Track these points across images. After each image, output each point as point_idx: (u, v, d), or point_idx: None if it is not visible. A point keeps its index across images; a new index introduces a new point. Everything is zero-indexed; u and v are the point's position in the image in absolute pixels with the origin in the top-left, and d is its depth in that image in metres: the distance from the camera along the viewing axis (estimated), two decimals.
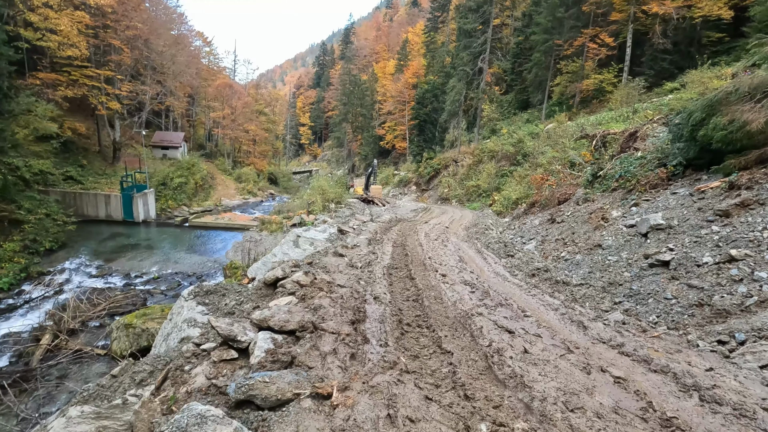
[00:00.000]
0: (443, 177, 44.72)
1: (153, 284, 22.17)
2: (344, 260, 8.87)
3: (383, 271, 8.38)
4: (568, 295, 7.10)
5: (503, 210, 27.78)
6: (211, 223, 32.82)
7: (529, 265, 9.11)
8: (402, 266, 9.25)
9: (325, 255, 9.30)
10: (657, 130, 16.24)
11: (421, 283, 7.60)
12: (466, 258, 10.60)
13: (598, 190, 14.24)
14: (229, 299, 7.96)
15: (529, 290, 7.52)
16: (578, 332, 5.22)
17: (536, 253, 10.79)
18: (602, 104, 42.05)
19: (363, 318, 5.05)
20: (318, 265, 8.30)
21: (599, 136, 18.65)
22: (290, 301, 6.00)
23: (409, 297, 6.62)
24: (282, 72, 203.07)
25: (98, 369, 14.46)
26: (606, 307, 6.36)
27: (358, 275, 7.72)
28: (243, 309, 6.77)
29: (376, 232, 13.96)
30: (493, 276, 8.81)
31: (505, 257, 10.44)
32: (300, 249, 11.15)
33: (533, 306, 6.49)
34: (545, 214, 15.99)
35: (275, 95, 78.40)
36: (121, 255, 26.48)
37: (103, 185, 36.16)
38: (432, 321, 5.18)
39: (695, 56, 39.39)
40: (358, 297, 6.09)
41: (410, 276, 8.18)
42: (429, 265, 9.35)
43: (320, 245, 11.19)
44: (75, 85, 35.61)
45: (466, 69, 42.17)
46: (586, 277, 9.00)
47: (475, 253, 11.49)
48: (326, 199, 30.33)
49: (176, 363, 4.70)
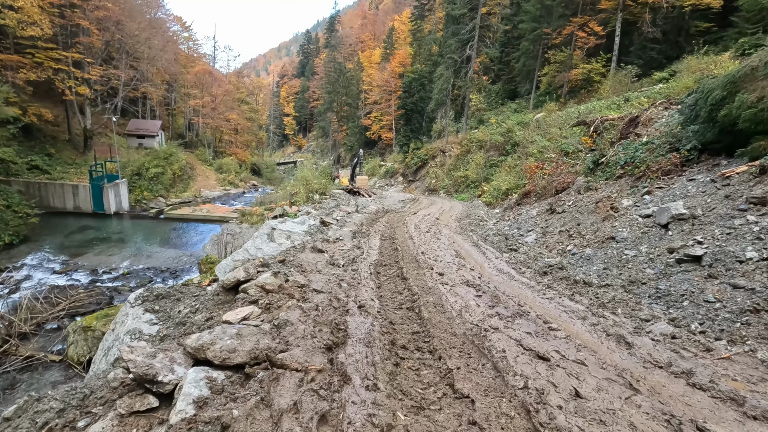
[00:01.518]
0: (430, 168, 43.47)
1: (122, 281, 20.40)
2: (324, 257, 7.48)
3: (370, 270, 7.03)
4: (591, 298, 5.89)
5: (493, 201, 26.75)
6: (188, 215, 30.91)
7: (537, 261, 7.88)
8: (392, 263, 7.91)
9: (302, 251, 7.89)
10: (660, 115, 15.20)
11: (416, 284, 6.27)
12: (462, 253, 9.32)
13: (601, 178, 13.13)
14: (184, 306, 6.51)
15: (543, 292, 6.27)
16: (623, 353, 3.98)
17: (542, 248, 9.58)
18: (590, 94, 41.24)
19: (343, 339, 3.70)
20: (292, 264, 6.90)
21: (597, 122, 17.55)
22: (250, 312, 4.61)
23: (403, 304, 5.30)
24: (266, 61, 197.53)
25: (52, 377, 12.84)
26: (645, 315, 5.16)
27: (340, 276, 6.35)
28: (194, 321, 5.36)
29: (361, 223, 12.58)
30: (496, 274, 7.55)
31: (507, 252, 9.20)
32: (275, 243, 9.72)
33: (554, 314, 5.23)
34: (543, 204, 14.84)
35: (258, 84, 75.61)
36: (88, 249, 24.51)
37: (72, 175, 33.76)
38: (436, 341, 3.88)
39: (684, 46, 38.85)
40: (339, 306, 4.73)
41: (402, 275, 6.85)
42: (423, 261, 8.03)
43: (298, 239, 9.77)
44: (40, 68, 32.95)
45: (454, 57, 40.74)
46: (601, 274, 7.82)
47: (471, 246, 10.23)
48: (310, 190, 28.76)
49: (76, 410, 3.31)
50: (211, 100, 53.39)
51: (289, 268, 6.56)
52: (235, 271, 5.73)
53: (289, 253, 7.67)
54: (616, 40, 39.97)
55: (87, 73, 36.99)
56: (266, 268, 6.18)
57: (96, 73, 37.16)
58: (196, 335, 3.30)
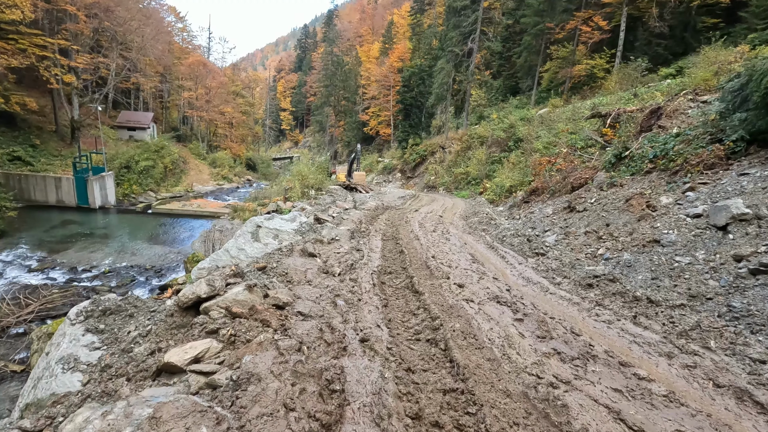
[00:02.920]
0: (430, 164, 42.04)
1: (102, 280, 18.83)
2: (316, 263, 6.03)
3: (373, 280, 5.59)
4: (664, 322, 4.50)
5: (496, 198, 25.43)
6: (177, 210, 29.29)
7: (576, 270, 6.47)
8: (398, 270, 6.47)
9: (289, 254, 6.44)
10: (686, 106, 13.85)
11: (433, 301, 4.85)
12: (479, 257, 7.91)
13: (626, 173, 11.75)
14: (136, 326, 5.03)
15: (595, 312, 4.87)
16: (758, 421, 2.60)
17: (573, 251, 8.15)
18: (593, 90, 39.95)
19: (338, 411, 2.27)
20: (276, 272, 5.44)
21: (614, 114, 16.17)
22: (206, 349, 3.18)
23: (420, 333, 3.88)
24: (263, 56, 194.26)
25: (11, 390, 11.30)
26: (755, 353, 3.77)
27: (336, 289, 4.91)
28: (137, 354, 3.91)
29: (360, 221, 11.13)
30: (524, 284, 6.14)
31: (533, 256, 7.79)
32: (260, 244, 8.25)
33: (624, 347, 3.83)
34: (558, 202, 13.45)
35: (254, 77, 73.61)
36: (69, 245, 22.89)
37: (56, 167, 31.98)
38: (486, 412, 2.46)
39: (690, 42, 37.60)
40: (333, 340, 3.30)
41: (413, 287, 5.41)
42: (435, 268, 6.60)
43: (287, 239, 8.30)
44: (23, 54, 31.09)
45: (455, 50, 39.24)
46: (649, 284, 6.43)
47: (486, 249, 8.82)
48: (306, 186, 27.26)
49: None
50: (206, 93, 51.55)
51: (271, 278, 5.11)
52: (197, 284, 4.28)
53: (274, 257, 6.21)
54: (620, 35, 38.63)
55: (74, 61, 35.12)
56: (239, 279, 4.72)
57: (83, 61, 35.29)
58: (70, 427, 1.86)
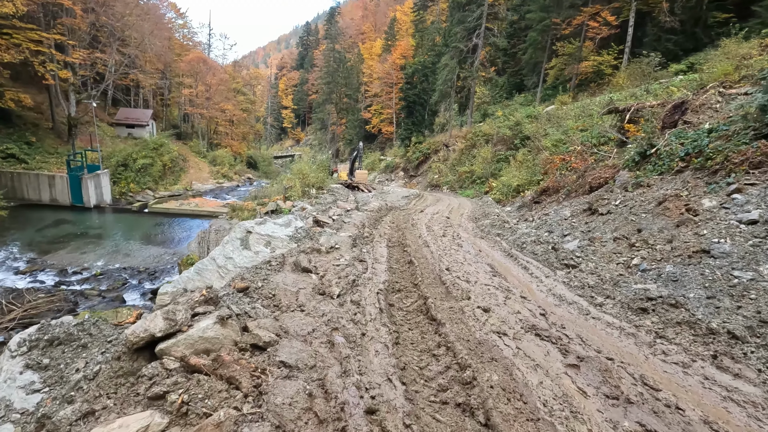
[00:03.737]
0: (433, 162, 40.96)
1: (92, 283, 17.86)
2: (311, 280, 5.00)
3: (379, 304, 4.56)
4: (761, 369, 3.46)
5: (503, 198, 24.42)
6: (174, 209, 28.30)
7: (621, 288, 5.39)
8: (409, 287, 5.44)
9: (279, 268, 5.41)
10: (714, 100, 12.76)
11: (457, 336, 3.81)
12: (498, 267, 6.88)
13: (653, 172, 10.67)
14: (86, 362, 4.02)
15: (661, 350, 3.83)
16: None
17: (613, 263, 7.06)
18: (600, 87, 38.84)
19: None
20: (261, 293, 4.42)
21: (633, 109, 15.06)
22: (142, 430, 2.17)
23: (447, 392, 2.85)
24: (265, 54, 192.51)
25: None
26: None
27: (333, 318, 3.88)
28: (60, 419, 2.91)
29: (363, 224, 10.09)
30: (558, 304, 5.11)
31: (561, 268, 6.74)
32: (250, 252, 7.23)
33: (726, 414, 2.79)
34: (576, 203, 12.39)
35: (255, 74, 72.47)
36: (61, 246, 21.94)
37: (51, 165, 31.03)
38: None
39: (701, 38, 36.39)
40: (326, 418, 2.27)
41: (429, 314, 4.38)
42: (451, 284, 5.57)
43: (280, 246, 7.28)
44: (16, 49, 30.10)
45: (459, 46, 38.08)
46: (705, 304, 5.39)
47: (504, 257, 7.78)
48: (306, 184, 26.24)
49: None
50: (206, 90, 50.49)
51: (254, 303, 4.09)
52: (151, 318, 3.25)
53: (261, 272, 5.18)
54: (629, 30, 37.45)
55: (70, 57, 34.11)
56: (212, 306, 3.69)
57: (79, 56, 34.25)
58: None
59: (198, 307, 3.59)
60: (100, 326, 4.55)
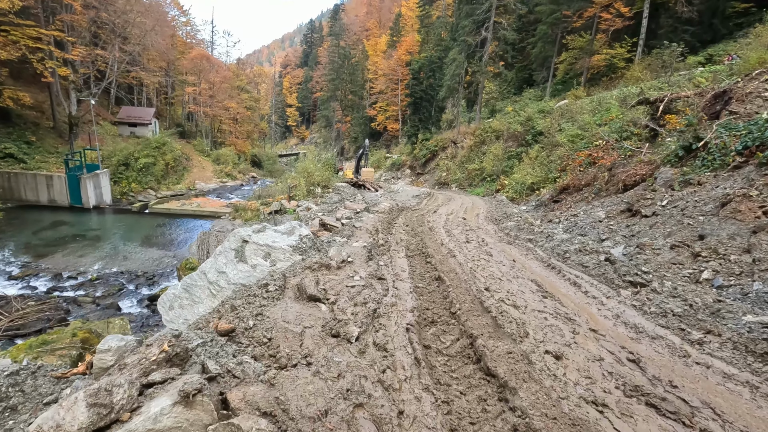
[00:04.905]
0: (441, 160, 39.65)
1: (87, 288, 16.80)
2: (321, 312, 3.78)
3: (413, 351, 3.34)
4: None
5: (516, 196, 23.17)
6: (175, 210, 27.23)
7: (724, 320, 4.12)
8: (444, 317, 4.21)
9: (279, 294, 4.19)
10: (761, 88, 11.40)
11: (537, 409, 2.59)
12: (544, 283, 5.64)
13: (704, 168, 9.36)
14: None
15: None
16: None
17: (693, 281, 5.74)
18: (613, 82, 37.33)
19: None
20: (252, 337, 3.21)
21: (666, 100, 13.69)
22: None
23: None
24: (269, 53, 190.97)
25: None
26: None
27: (354, 384, 2.67)
28: None
29: (376, 229, 8.85)
30: (634, 338, 3.87)
31: (625, 285, 5.49)
32: (247, 265, 6.04)
33: None
34: (610, 203, 11.10)
35: (259, 72, 71.27)
36: (57, 249, 20.91)
37: (51, 165, 30.06)
38: None
39: (719, 29, 34.84)
40: None
41: (484, 367, 3.16)
42: (498, 311, 4.34)
43: (282, 258, 6.07)
44: (14, 46, 29.10)
45: (467, 39, 36.66)
46: None
47: (544, 268, 6.54)
48: (311, 183, 25.06)
49: None
50: (209, 88, 49.39)
51: (242, 355, 2.89)
52: (68, 402, 2.04)
53: (255, 300, 3.96)
54: (643, 22, 35.87)
55: (69, 54, 33.08)
56: (177, 368, 2.48)
57: (79, 53, 33.22)
58: None
59: (154, 372, 2.39)
60: (38, 379, 3.36)
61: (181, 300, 6.54)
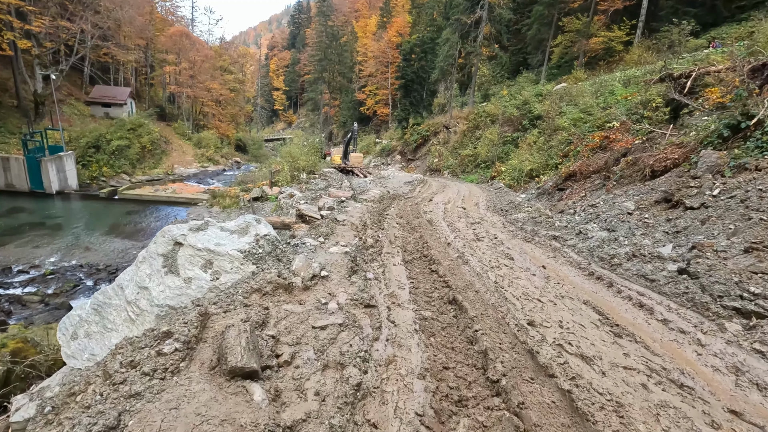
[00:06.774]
0: (432, 145, 37.64)
1: (38, 284, 14.62)
2: (250, 408, 1.92)
3: None
4: None
5: (514, 183, 21.46)
6: (147, 196, 24.86)
7: None
8: (481, 395, 2.39)
9: (183, 359, 2.32)
10: None
11: None
12: (604, 308, 3.86)
13: (758, 150, 7.69)
14: None
15: None
16: None
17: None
18: (611, 65, 35.66)
19: None
20: None
21: (694, 74, 11.96)
22: None
23: None
24: (256, 35, 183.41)
25: None
26: None
27: None
28: None
29: (364, 224, 6.97)
30: None
31: (728, 316, 3.78)
32: (178, 279, 4.14)
33: None
34: (637, 192, 9.38)
35: (244, 52, 67.60)
36: (11, 239, 18.55)
37: (11, 147, 27.30)
38: None
39: (721, 11, 33.27)
40: None
41: None
42: (561, 370, 2.54)
43: (229, 269, 4.18)
44: None
45: (462, 18, 34.37)
46: None
47: (589, 281, 4.79)
48: (296, 168, 22.92)
49: None
50: (189, 67, 46.19)
51: None
52: None
53: (130, 375, 2.07)
54: (643, 3, 34.06)
55: (30, 25, 29.87)
56: None
57: (41, 24, 30.04)
58: None
59: None
60: None
61: (89, 325, 4.60)
